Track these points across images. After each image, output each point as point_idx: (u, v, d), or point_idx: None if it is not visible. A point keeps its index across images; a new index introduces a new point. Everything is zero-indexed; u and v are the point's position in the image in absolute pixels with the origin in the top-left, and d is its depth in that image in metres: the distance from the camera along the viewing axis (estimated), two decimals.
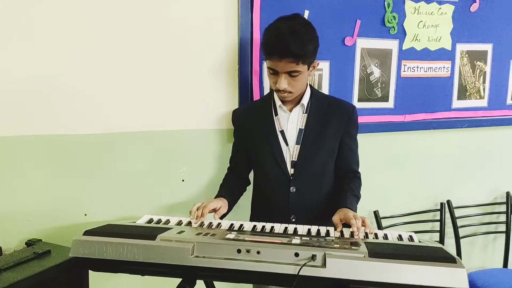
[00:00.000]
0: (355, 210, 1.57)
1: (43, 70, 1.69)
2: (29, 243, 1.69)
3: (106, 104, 1.80)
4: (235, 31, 1.91)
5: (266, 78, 1.96)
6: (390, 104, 2.23)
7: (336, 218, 1.48)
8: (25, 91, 1.69)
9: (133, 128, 1.85)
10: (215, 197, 1.67)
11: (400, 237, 1.39)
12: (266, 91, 1.98)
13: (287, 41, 1.48)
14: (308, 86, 1.70)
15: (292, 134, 1.68)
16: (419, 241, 1.36)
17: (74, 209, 1.83)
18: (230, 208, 1.67)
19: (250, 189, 1.85)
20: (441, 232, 2.40)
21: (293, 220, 1.66)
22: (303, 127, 1.67)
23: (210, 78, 1.92)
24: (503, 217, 2.57)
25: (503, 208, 2.57)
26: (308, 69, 1.59)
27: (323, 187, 1.72)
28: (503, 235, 2.54)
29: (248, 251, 1.20)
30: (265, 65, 1.93)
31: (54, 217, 1.80)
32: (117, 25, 1.76)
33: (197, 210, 1.52)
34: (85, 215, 1.85)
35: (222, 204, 1.60)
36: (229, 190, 1.74)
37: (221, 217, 1.59)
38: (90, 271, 1.57)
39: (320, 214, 1.69)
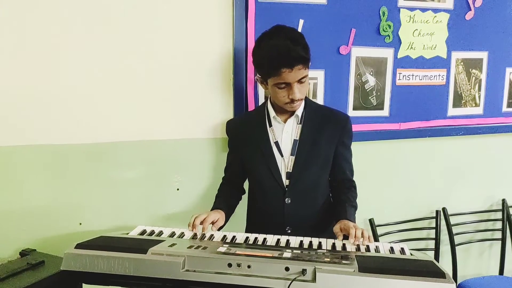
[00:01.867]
0: (354, 221, 1.58)
1: (38, 81, 1.70)
2: (23, 253, 1.69)
3: (100, 113, 1.81)
4: (230, 40, 1.92)
5: (260, 87, 1.96)
6: (385, 112, 2.23)
7: (336, 228, 1.50)
8: (19, 102, 1.69)
9: (127, 137, 1.86)
10: (211, 209, 1.67)
11: (391, 250, 1.40)
12: (261, 99, 1.99)
13: (293, 49, 1.50)
14: None
15: (286, 145, 1.68)
16: (411, 254, 1.37)
17: (68, 218, 1.83)
18: (226, 220, 1.67)
19: (245, 198, 1.85)
20: (437, 239, 2.40)
21: (289, 231, 1.65)
22: (297, 138, 1.67)
23: (205, 87, 1.92)
24: (499, 224, 2.57)
25: (499, 215, 2.57)
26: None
27: (318, 198, 1.73)
28: (499, 242, 2.54)
29: (239, 265, 1.20)
30: None
31: (49, 226, 1.81)
32: (112, 36, 1.77)
33: (197, 223, 1.52)
34: (80, 224, 1.85)
35: (220, 216, 1.61)
36: (225, 201, 1.74)
37: (218, 229, 1.60)
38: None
39: (315, 225, 1.70)
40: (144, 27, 1.80)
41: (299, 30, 1.94)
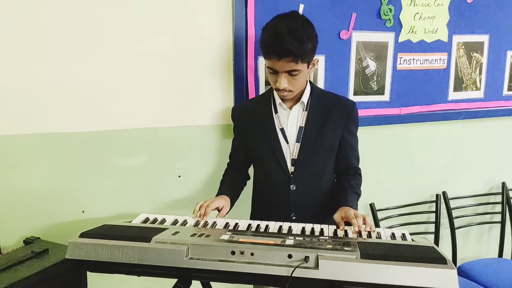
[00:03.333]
0: (355, 207, 1.58)
1: (41, 71, 1.69)
2: (27, 241, 1.70)
3: (102, 102, 1.80)
4: (230, 27, 1.90)
5: (261, 73, 1.96)
6: (386, 97, 2.23)
7: (337, 217, 1.49)
8: (22, 91, 1.69)
9: (129, 125, 1.86)
10: (216, 194, 1.68)
11: (393, 236, 1.41)
12: (261, 86, 1.98)
13: (285, 40, 1.45)
14: (308, 83, 1.69)
15: (292, 132, 1.67)
16: (412, 240, 1.38)
17: (71, 206, 1.84)
18: (231, 206, 1.68)
19: (250, 184, 1.86)
20: (437, 223, 2.42)
21: (294, 218, 1.66)
22: (303, 125, 1.66)
23: (205, 74, 1.92)
24: (498, 208, 2.59)
25: (498, 198, 2.59)
26: (307, 67, 1.58)
27: (323, 185, 1.73)
28: (498, 225, 2.57)
29: (242, 252, 1.21)
30: (260, 60, 1.93)
31: (52, 214, 1.82)
32: (113, 24, 1.75)
33: (199, 209, 1.53)
34: (83, 212, 1.86)
35: (224, 203, 1.61)
36: (230, 186, 1.74)
37: None
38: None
39: (320, 211, 1.70)
40: (144, 15, 1.78)
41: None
